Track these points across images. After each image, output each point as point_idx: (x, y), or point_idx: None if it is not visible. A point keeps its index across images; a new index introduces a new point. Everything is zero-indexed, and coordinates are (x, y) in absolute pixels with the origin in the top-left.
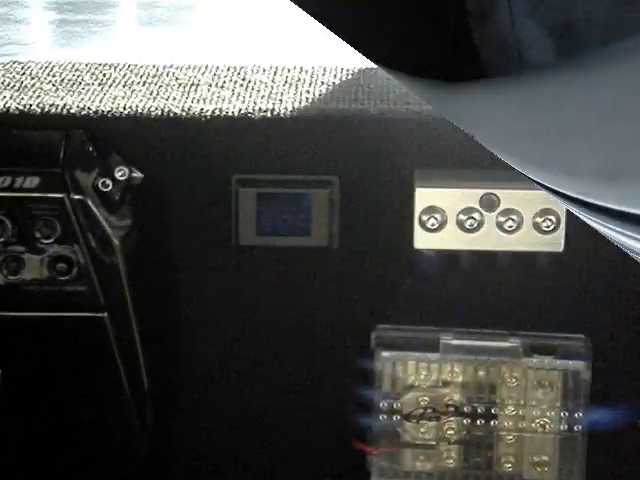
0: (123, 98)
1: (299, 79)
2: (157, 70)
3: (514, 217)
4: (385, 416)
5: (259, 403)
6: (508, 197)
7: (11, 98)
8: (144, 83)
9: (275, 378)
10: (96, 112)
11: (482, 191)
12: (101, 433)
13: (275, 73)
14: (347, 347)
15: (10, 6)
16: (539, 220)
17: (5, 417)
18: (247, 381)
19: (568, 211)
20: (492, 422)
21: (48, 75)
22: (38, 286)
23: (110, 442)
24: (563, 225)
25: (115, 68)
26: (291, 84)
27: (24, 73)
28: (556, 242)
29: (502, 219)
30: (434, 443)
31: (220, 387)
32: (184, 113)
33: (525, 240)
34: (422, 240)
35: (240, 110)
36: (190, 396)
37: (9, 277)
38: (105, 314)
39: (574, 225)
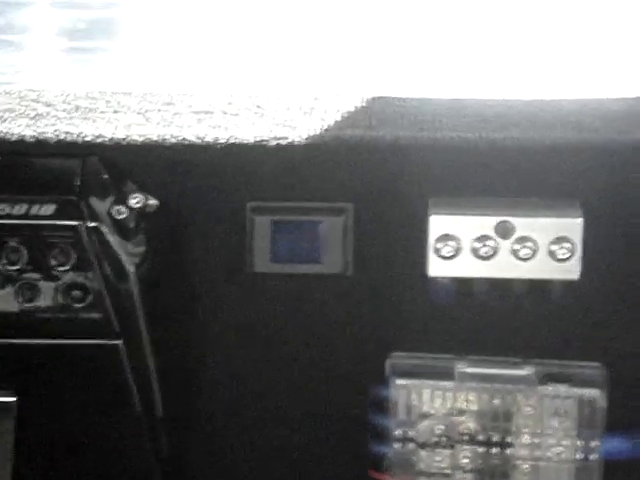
0: (138, 125)
1: (313, 106)
2: (171, 97)
3: (529, 245)
4: (400, 444)
5: (274, 431)
6: (523, 225)
7: (26, 126)
8: (159, 110)
9: (290, 406)
10: (111, 139)
11: (497, 218)
12: (115, 460)
13: (289, 100)
14: (362, 374)
15: (23, 34)
16: (555, 248)
17: (20, 444)
18: (261, 409)
19: (584, 239)
20: (507, 450)
21: (63, 102)
22: (53, 313)
23: (124, 470)
24: (579, 253)
25: (129, 95)
26: (305, 111)
27: (39, 101)
28: (572, 270)
29: (517, 247)
30: (449, 472)
31: (234, 415)
32: (199, 140)
33: (540, 268)
34: (437, 267)
35: (255, 137)
36: (204, 424)
37: (24, 304)
38: (119, 341)
39: (590, 253)
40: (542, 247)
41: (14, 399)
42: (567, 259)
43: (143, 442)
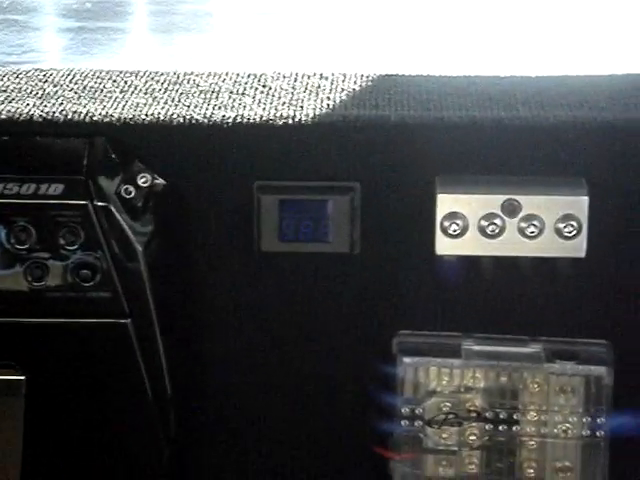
0: (145, 105)
1: (319, 86)
2: (178, 77)
3: (536, 223)
4: (407, 422)
5: (281, 409)
6: (530, 203)
7: (34, 106)
8: (165, 90)
9: (296, 384)
10: (118, 119)
11: (503, 197)
12: (124, 440)
13: (295, 80)
14: (369, 353)
15: (29, 14)
16: (561, 226)
17: (29, 424)
18: (269, 387)
19: (590, 216)
20: (514, 428)
21: (70, 82)
22: (62, 292)
23: (133, 450)
24: (585, 231)
25: (136, 75)
26: (312, 91)
27: (46, 81)
28: (578, 248)
29: (524, 225)
30: (456, 449)
31: (242, 393)
32: (206, 120)
33: (547, 246)
34: (444, 246)
35: (261, 117)
36: (213, 403)
37: (33, 284)
38: (128, 320)
39: (596, 231)
40: (548, 225)
41: (23, 378)
42: (573, 237)
43: (152, 421)
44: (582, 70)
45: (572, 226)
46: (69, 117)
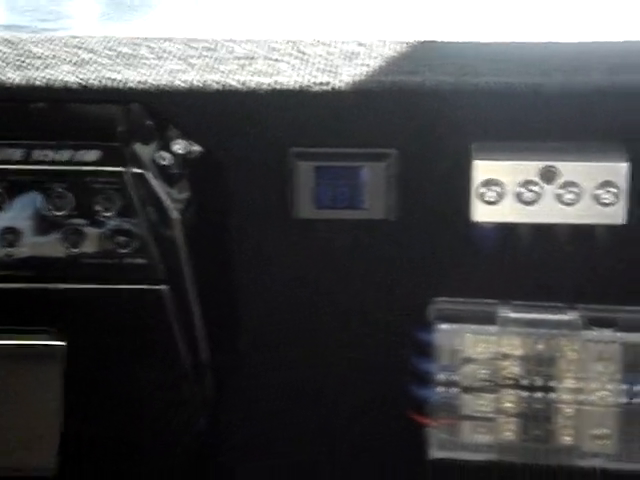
0: (180, 72)
1: (356, 52)
2: (213, 44)
3: (574, 190)
4: (443, 388)
5: (317, 375)
6: (568, 169)
7: (70, 72)
8: (201, 56)
9: (333, 350)
10: (154, 86)
11: (541, 163)
12: (161, 405)
13: (331, 46)
14: (405, 320)
15: None
16: (599, 192)
17: (69, 388)
18: (305, 352)
19: (629, 183)
20: (551, 395)
21: (105, 49)
22: (98, 259)
23: (170, 414)
24: (624, 197)
25: (172, 42)
26: (348, 57)
27: (82, 47)
28: (616, 214)
29: (561, 192)
30: (492, 415)
31: (278, 358)
32: (242, 86)
33: (585, 213)
34: (480, 213)
35: (297, 83)
36: (248, 367)
37: (70, 250)
38: (164, 286)
39: (635, 197)
40: (587, 192)
41: (64, 343)
42: (612, 204)
43: (188, 386)
44: (619, 35)
45: (611, 193)
46: (105, 84)
